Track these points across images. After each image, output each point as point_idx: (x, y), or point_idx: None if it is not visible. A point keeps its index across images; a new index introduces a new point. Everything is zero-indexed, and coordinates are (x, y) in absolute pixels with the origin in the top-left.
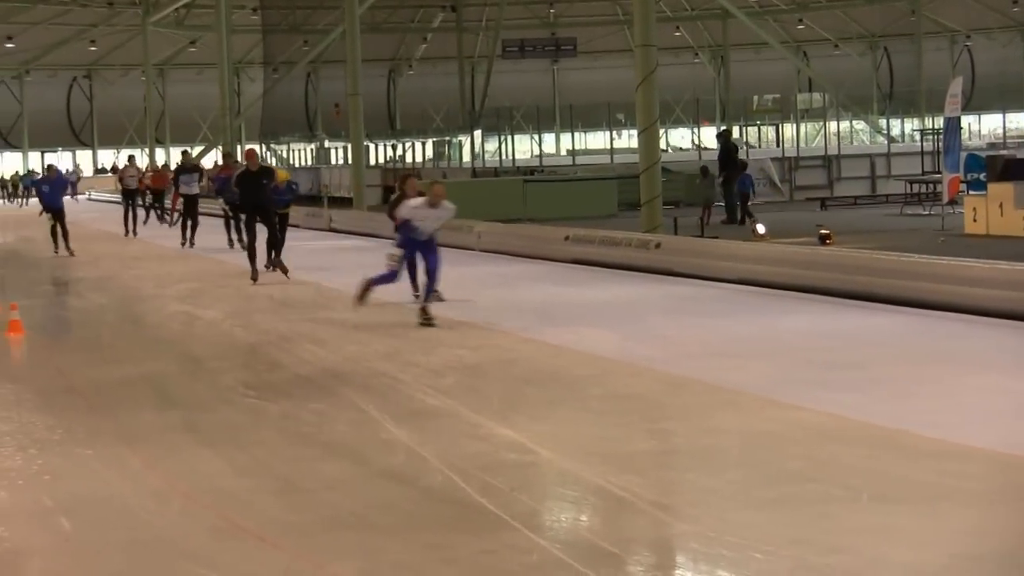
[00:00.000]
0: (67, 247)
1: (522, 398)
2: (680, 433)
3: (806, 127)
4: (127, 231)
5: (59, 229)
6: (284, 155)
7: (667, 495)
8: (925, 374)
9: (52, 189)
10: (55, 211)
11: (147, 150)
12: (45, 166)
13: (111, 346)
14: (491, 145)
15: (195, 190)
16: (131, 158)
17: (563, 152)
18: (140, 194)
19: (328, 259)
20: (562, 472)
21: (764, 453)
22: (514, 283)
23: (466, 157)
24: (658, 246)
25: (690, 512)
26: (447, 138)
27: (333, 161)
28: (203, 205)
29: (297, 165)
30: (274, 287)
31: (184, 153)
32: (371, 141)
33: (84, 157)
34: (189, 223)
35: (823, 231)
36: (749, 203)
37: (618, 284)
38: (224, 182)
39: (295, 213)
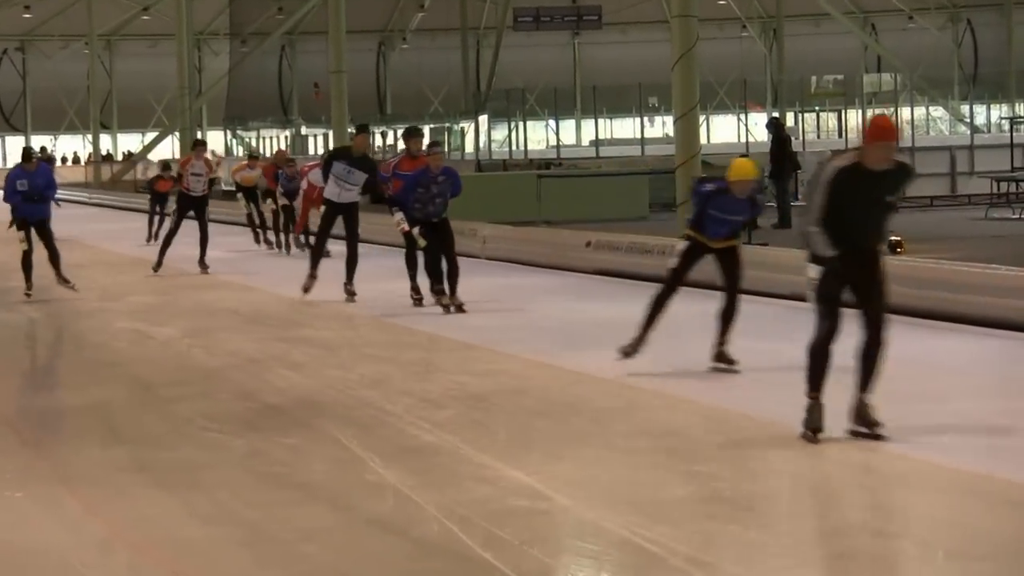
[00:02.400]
0: (59, 276)
1: (535, 434)
2: (722, 477)
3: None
4: (202, 264)
5: (31, 255)
6: (253, 143)
7: (706, 550)
8: (1017, 409)
9: (32, 187)
10: (37, 223)
11: (90, 136)
12: (24, 149)
13: (47, 370)
14: (499, 133)
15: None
16: (200, 144)
17: (585, 142)
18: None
19: (304, 267)
20: (581, 522)
21: (822, 501)
22: (526, 297)
23: (469, 147)
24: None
25: (733, 571)
26: (447, 124)
27: (312, 151)
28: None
29: (269, 155)
30: (240, 300)
31: (362, 129)
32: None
33: (15, 143)
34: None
35: (893, 238)
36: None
37: (641, 299)
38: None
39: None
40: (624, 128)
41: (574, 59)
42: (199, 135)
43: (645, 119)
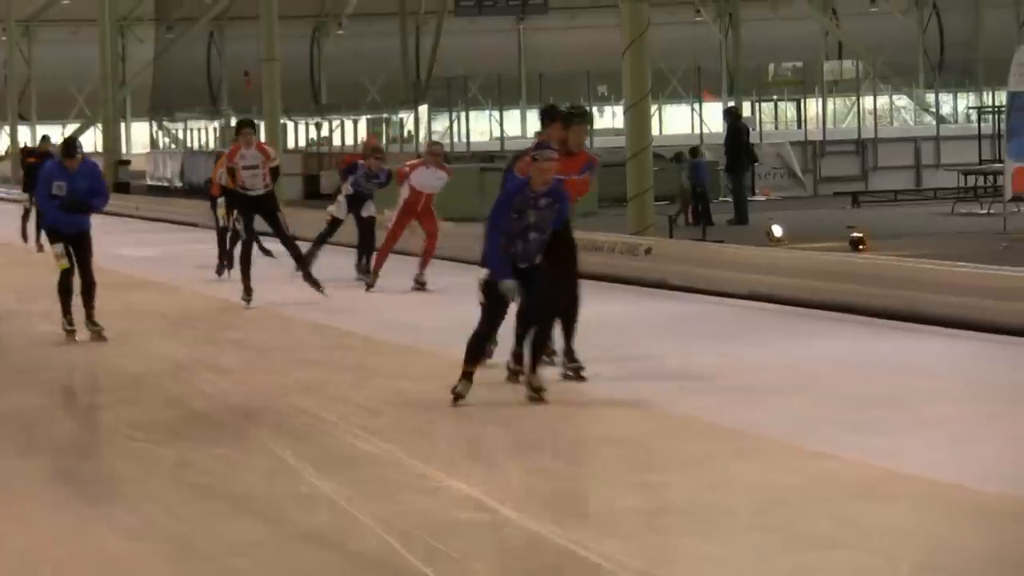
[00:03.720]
0: (90, 317)
1: (479, 442)
2: (677, 487)
3: (835, 104)
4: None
5: (72, 276)
6: (180, 135)
7: (658, 564)
8: (985, 414)
9: (73, 191)
10: (74, 237)
11: (7, 128)
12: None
13: None
14: (440, 124)
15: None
16: (246, 127)
17: (530, 133)
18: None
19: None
20: (527, 535)
21: (783, 512)
22: (469, 298)
23: (409, 139)
24: (648, 252)
25: None
26: (385, 115)
27: None
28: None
29: (196, 148)
30: (168, 302)
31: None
32: (290, 118)
33: None
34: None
35: (855, 234)
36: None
37: (600, 299)
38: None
39: (192, 209)
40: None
41: (519, 46)
42: (123, 127)
43: (594, 109)
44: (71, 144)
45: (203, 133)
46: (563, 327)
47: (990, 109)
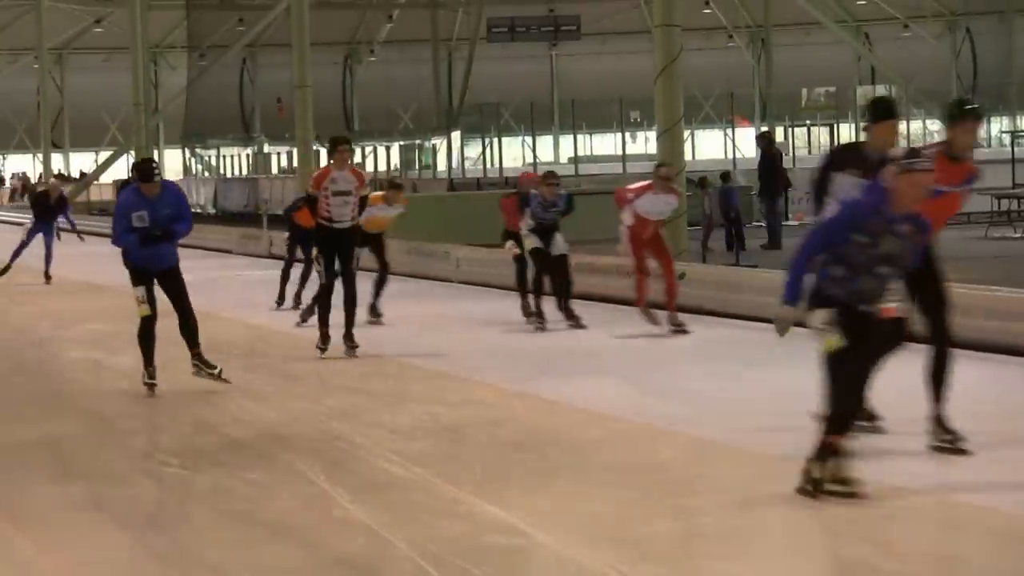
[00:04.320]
0: (197, 356)
1: (511, 467)
2: (711, 511)
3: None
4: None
5: (154, 323)
6: (212, 162)
7: None
8: (1021, 438)
9: (155, 220)
10: (161, 274)
11: (41, 155)
12: (141, 163)
13: None
14: (473, 150)
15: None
16: (342, 144)
17: (563, 159)
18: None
19: (269, 293)
20: (561, 560)
21: (818, 536)
22: (501, 323)
23: (441, 165)
24: (682, 277)
25: None
26: (418, 141)
27: (274, 170)
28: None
29: (229, 175)
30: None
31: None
32: (322, 145)
33: None
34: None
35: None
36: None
37: (633, 324)
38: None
39: (225, 236)
40: (605, 144)
41: (551, 71)
42: (155, 154)
43: (627, 134)
44: (148, 166)
45: (236, 160)
46: (932, 388)
47: None
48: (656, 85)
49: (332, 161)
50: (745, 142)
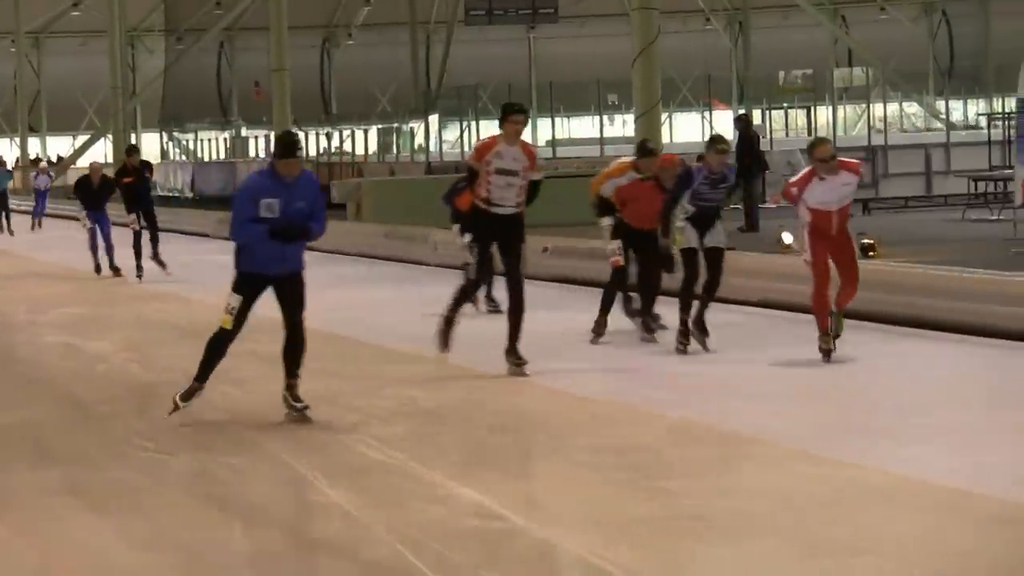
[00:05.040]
0: (292, 395)
1: (489, 450)
2: (690, 494)
3: (845, 111)
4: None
5: (231, 339)
6: (190, 146)
7: (671, 571)
8: (1001, 420)
9: (288, 212)
10: (281, 281)
11: (18, 139)
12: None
13: None
14: (451, 133)
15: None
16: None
17: (542, 142)
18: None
19: None
20: (538, 543)
21: (796, 518)
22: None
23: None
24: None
25: None
26: (396, 124)
27: (252, 154)
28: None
29: (207, 159)
30: (180, 312)
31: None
32: (300, 128)
33: None
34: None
35: (866, 240)
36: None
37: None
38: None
39: (203, 220)
40: (583, 127)
41: (529, 54)
42: (133, 138)
43: (604, 117)
44: (291, 140)
45: (213, 144)
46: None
47: (1000, 115)
48: (634, 68)
49: (502, 132)
50: (723, 125)
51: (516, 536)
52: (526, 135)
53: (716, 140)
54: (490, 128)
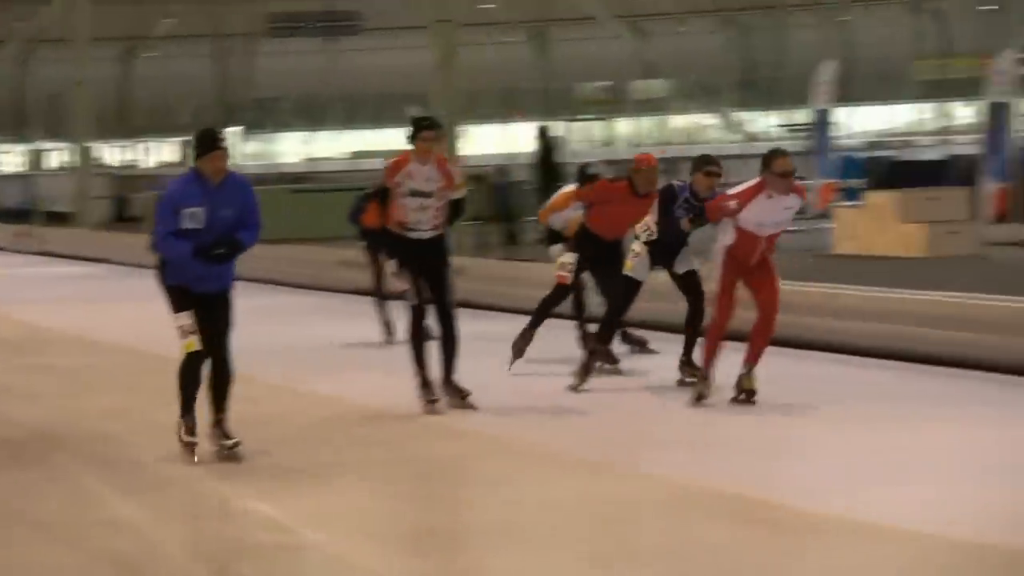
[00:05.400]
0: (220, 429)
1: (284, 464)
2: (490, 505)
3: (645, 122)
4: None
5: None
6: None
7: None
8: (791, 429)
9: (214, 220)
10: (209, 299)
11: None
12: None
13: None
14: (254, 146)
15: None
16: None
17: (348, 153)
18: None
19: (43, 290)
20: (328, 557)
21: (587, 529)
22: (277, 319)
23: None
24: (459, 272)
25: None
26: None
27: (52, 166)
28: None
29: (5, 172)
30: None
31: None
32: (100, 141)
33: None
34: None
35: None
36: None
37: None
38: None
39: (0, 233)
40: (387, 139)
41: (331, 67)
42: None
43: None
44: (212, 133)
45: (10, 157)
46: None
47: (797, 127)
48: (434, 80)
49: (415, 149)
50: (524, 137)
51: (306, 550)
52: (329, 145)
53: (707, 161)
54: (293, 140)
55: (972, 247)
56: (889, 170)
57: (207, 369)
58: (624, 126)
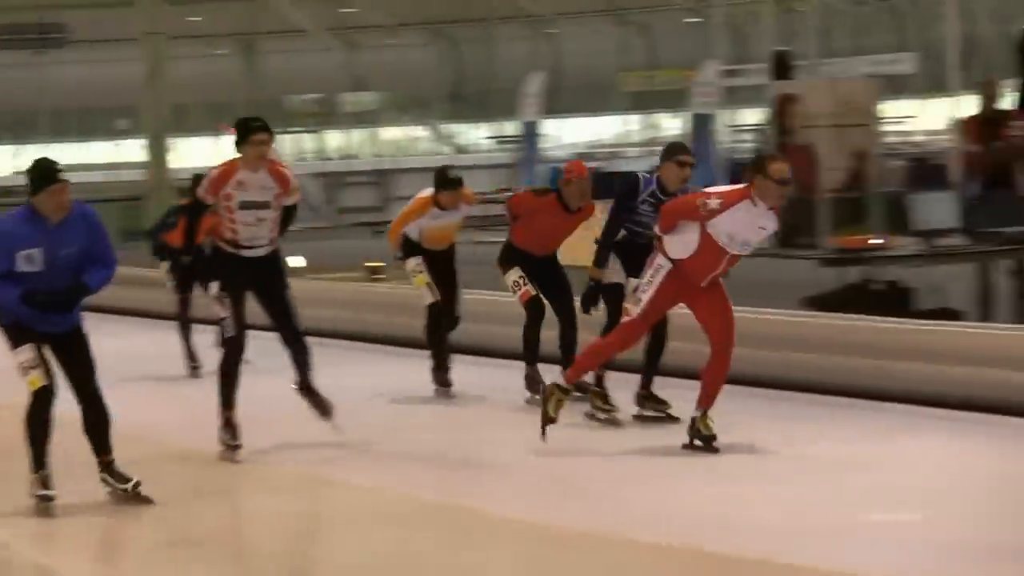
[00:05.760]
0: (110, 472)
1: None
2: (198, 518)
3: (356, 135)
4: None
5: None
6: None
7: None
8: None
9: (53, 263)
10: (57, 338)
11: None
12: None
13: None
14: None
15: None
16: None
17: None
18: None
19: None
20: (39, 568)
21: (296, 540)
22: None
23: None
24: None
25: None
26: None
27: None
28: None
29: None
30: None
31: None
32: None
33: None
34: None
35: (369, 264)
36: None
37: (117, 332)
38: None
39: None
40: (99, 152)
41: (38, 80)
42: None
43: (116, 143)
44: (50, 166)
45: None
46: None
47: (506, 138)
48: (143, 93)
49: (242, 155)
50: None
51: (15, 567)
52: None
53: (678, 149)
54: (4, 154)
55: None
56: (596, 181)
57: (76, 414)
58: (335, 138)
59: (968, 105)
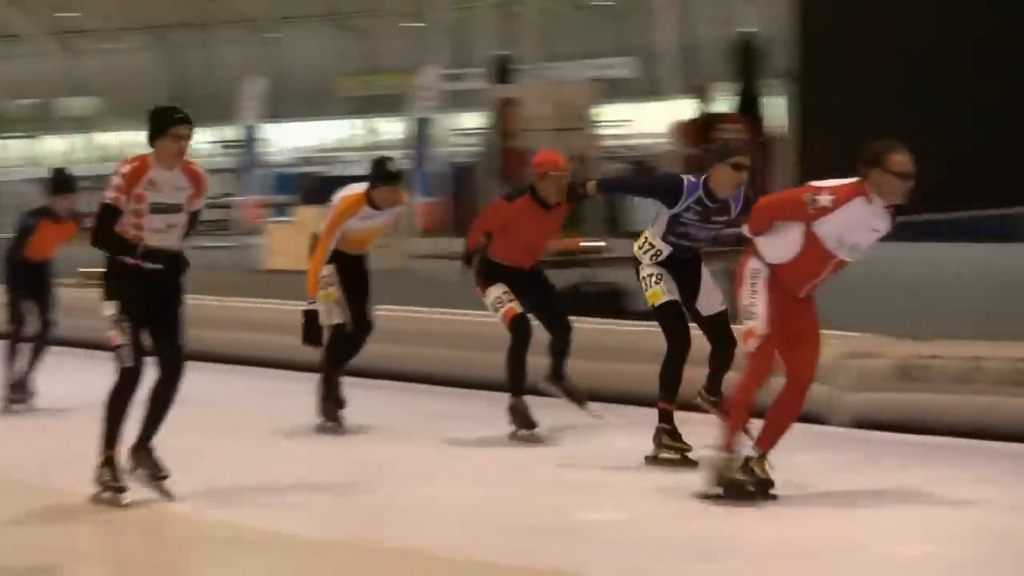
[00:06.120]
0: None
1: None
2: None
3: (74, 140)
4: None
5: None
6: None
7: None
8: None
9: None
10: None
11: None
12: None
13: None
14: None
15: None
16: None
17: None
18: None
19: None
20: None
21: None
22: None
23: None
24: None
25: None
26: None
27: None
28: None
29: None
30: None
31: None
32: None
33: None
34: None
35: (84, 269)
36: None
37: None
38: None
39: None
40: None
41: None
42: None
43: None
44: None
45: None
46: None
47: (229, 143)
48: None
49: (156, 151)
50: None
51: None
52: None
53: (733, 149)
54: None
55: (399, 261)
56: (319, 185)
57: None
58: (53, 144)
59: (685, 109)
